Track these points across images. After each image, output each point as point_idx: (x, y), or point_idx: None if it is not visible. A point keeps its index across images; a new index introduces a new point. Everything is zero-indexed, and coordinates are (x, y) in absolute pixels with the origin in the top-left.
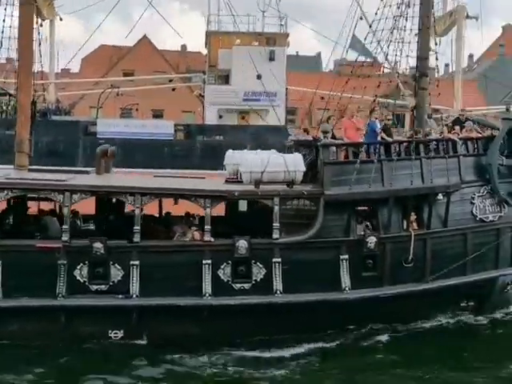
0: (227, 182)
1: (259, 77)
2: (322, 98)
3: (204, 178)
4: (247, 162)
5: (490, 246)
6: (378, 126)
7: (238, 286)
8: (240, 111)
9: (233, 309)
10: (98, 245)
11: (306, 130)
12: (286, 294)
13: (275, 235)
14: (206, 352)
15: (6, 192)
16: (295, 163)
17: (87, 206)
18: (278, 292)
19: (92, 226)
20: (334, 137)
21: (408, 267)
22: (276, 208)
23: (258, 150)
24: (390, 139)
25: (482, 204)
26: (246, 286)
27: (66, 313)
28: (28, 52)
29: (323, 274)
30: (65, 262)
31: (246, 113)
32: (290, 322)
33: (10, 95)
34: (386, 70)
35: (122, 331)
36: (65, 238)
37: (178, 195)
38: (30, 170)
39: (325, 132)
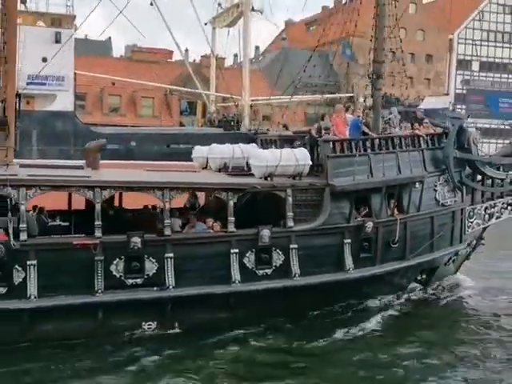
0: (230, 174)
1: (44, 60)
2: (113, 83)
3: (199, 171)
4: (262, 156)
5: (448, 227)
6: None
7: (261, 272)
8: (24, 96)
9: (258, 293)
10: (135, 239)
11: (285, 126)
12: (303, 276)
13: (290, 223)
14: (234, 335)
15: (34, 189)
16: (304, 157)
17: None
18: (297, 275)
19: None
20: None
21: (394, 247)
22: (289, 199)
23: (228, 144)
24: (373, 134)
25: (442, 191)
26: (268, 271)
27: (103, 308)
28: (13, 43)
29: (331, 256)
30: (102, 257)
31: (30, 97)
32: (306, 301)
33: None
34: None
35: (155, 322)
36: (98, 234)
37: (203, 189)
38: (22, 166)
39: (326, 128)
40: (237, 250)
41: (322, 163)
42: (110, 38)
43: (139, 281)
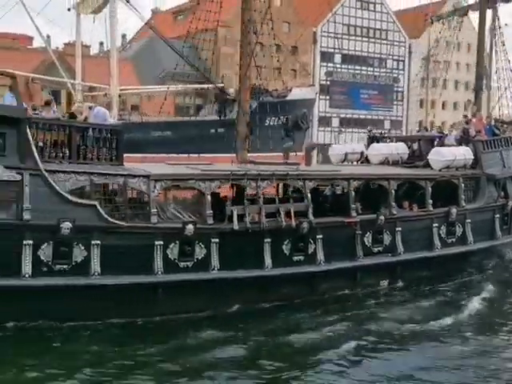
0: (405, 167)
1: None
2: None
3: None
4: (443, 153)
5: None
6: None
7: (449, 240)
8: None
9: (449, 257)
10: (381, 217)
11: (426, 129)
12: (475, 243)
13: (463, 204)
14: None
15: (313, 182)
16: (469, 154)
17: None
18: (471, 242)
19: None
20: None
21: None
22: (462, 185)
23: (383, 143)
24: (503, 136)
25: None
26: (453, 240)
27: (361, 270)
28: (247, 51)
29: (487, 228)
30: (360, 232)
31: None
32: (474, 261)
33: (233, 100)
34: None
35: (387, 280)
36: (353, 214)
37: (405, 179)
38: (256, 163)
39: (478, 131)
40: (436, 225)
41: (477, 158)
42: None
43: (380, 249)
